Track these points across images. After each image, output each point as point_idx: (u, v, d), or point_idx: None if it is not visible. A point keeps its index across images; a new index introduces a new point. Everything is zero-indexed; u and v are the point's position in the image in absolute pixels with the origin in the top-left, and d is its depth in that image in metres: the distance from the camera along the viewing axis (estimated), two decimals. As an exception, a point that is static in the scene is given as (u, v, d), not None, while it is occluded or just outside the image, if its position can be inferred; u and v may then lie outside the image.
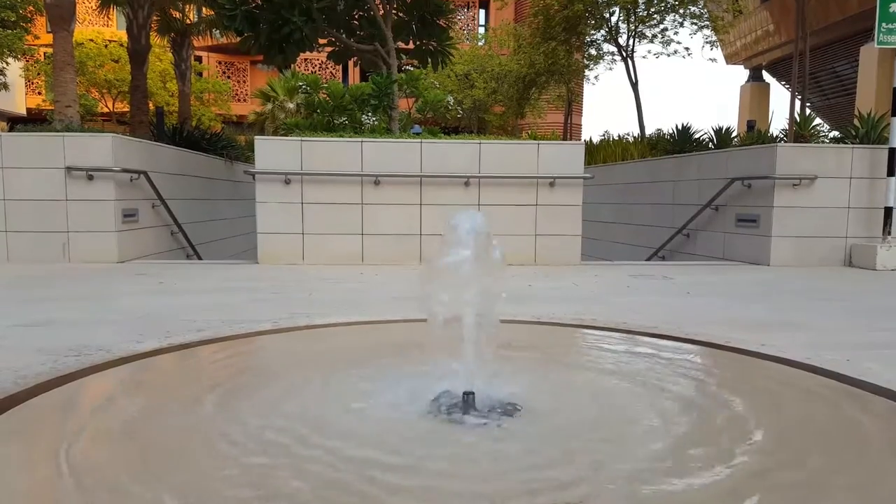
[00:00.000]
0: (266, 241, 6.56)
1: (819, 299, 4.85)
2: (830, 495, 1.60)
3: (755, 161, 7.12)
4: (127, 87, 14.84)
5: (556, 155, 6.68)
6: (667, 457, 1.79)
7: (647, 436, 1.94)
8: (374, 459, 1.73)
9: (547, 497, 1.54)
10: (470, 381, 2.14)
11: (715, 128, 9.27)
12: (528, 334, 3.43)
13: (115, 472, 1.68)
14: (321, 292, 4.82)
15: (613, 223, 10.44)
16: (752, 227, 7.21)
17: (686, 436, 1.96)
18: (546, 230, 6.72)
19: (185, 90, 14.64)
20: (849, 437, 1.98)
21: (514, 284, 5.13)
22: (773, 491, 1.59)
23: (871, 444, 1.94)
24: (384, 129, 8.12)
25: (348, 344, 3.25)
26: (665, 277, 5.92)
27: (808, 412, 2.23)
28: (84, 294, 4.61)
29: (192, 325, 3.44)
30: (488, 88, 21.05)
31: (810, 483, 1.65)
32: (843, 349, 3.02)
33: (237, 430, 1.94)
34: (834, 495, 1.60)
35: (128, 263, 6.48)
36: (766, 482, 1.63)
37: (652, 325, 3.54)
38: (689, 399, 2.31)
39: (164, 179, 7.37)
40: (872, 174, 6.94)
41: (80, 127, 7.33)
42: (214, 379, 2.58)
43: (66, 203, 6.37)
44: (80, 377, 2.48)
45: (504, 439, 1.89)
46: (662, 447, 1.85)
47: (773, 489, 1.59)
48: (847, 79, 19.25)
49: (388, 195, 6.56)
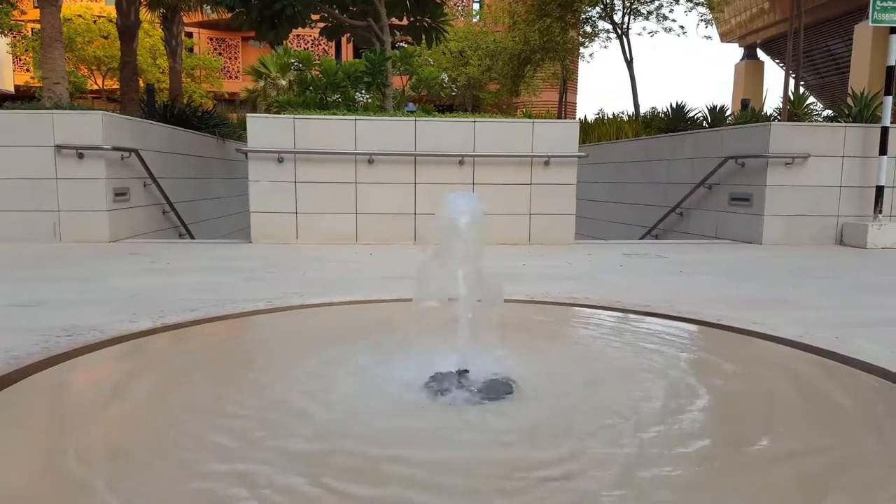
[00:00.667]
0: (259, 220, 6.53)
1: (810, 277, 4.88)
2: (797, 463, 1.62)
3: (749, 140, 7.12)
4: (116, 63, 14.60)
5: (550, 133, 6.65)
6: (654, 432, 1.80)
7: (635, 412, 1.96)
8: (362, 434, 1.74)
9: (539, 472, 1.55)
10: (464, 359, 2.16)
11: (709, 106, 9.25)
12: (521, 313, 3.45)
13: (113, 451, 1.68)
14: (315, 271, 4.81)
15: (607, 202, 10.45)
16: (745, 206, 7.22)
17: (674, 413, 1.97)
18: (540, 209, 6.71)
19: (175, 67, 14.44)
20: (831, 413, 2.01)
21: (508, 263, 5.14)
22: (747, 463, 1.61)
23: (847, 418, 1.97)
24: (378, 106, 8.06)
25: (342, 323, 3.26)
26: (658, 256, 5.94)
27: (796, 389, 2.25)
28: (76, 274, 4.58)
29: (185, 304, 3.43)
30: (483, 66, 20.89)
31: (787, 454, 1.68)
32: (833, 327, 3.04)
33: (233, 408, 1.94)
34: (798, 463, 1.62)
35: (120, 243, 6.44)
36: (742, 453, 1.65)
37: (645, 304, 3.56)
38: (679, 378, 2.33)
39: (155, 158, 7.30)
40: (865, 153, 6.96)
41: (70, 104, 7.22)
42: (209, 358, 2.58)
43: (57, 182, 6.31)
44: (73, 357, 2.48)
45: (497, 416, 1.90)
46: (649, 422, 1.87)
47: (747, 460, 1.62)
48: (841, 57, 19.18)
49: (382, 174, 6.53)
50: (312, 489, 1.44)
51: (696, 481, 1.55)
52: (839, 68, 19.71)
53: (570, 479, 1.52)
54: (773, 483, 1.52)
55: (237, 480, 1.48)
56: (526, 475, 1.55)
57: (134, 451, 1.67)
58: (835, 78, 20.54)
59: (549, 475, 1.54)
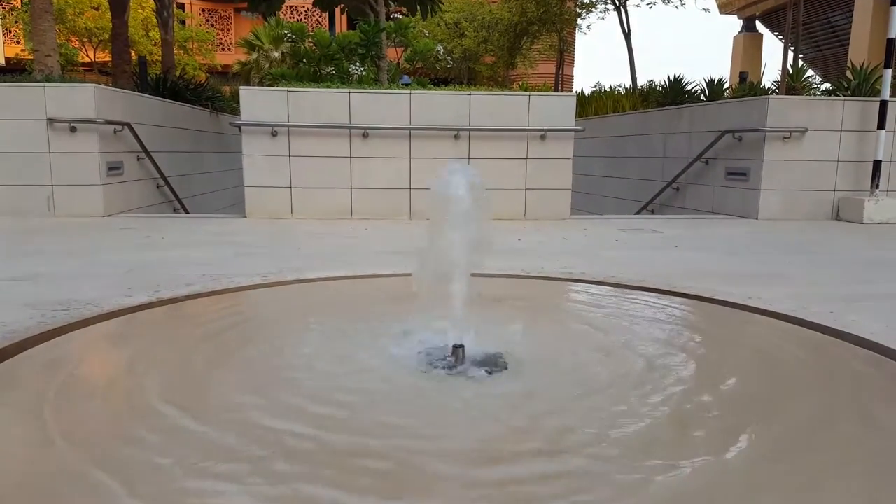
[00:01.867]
0: (253, 194, 6.49)
1: (806, 252, 4.89)
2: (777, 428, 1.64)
3: (746, 113, 7.08)
4: (108, 35, 14.37)
5: (547, 107, 6.60)
6: (646, 404, 1.82)
7: (629, 385, 1.97)
8: (358, 403, 1.75)
9: (535, 443, 1.57)
10: (460, 334, 2.16)
11: (707, 80, 9.17)
12: (517, 288, 3.45)
13: (110, 424, 1.69)
14: (310, 246, 4.80)
15: (604, 177, 10.41)
16: (741, 181, 7.21)
17: (666, 388, 1.98)
18: (536, 184, 6.69)
19: (167, 39, 14.19)
20: (824, 385, 2.03)
21: (504, 239, 5.14)
22: (733, 426, 1.63)
23: (833, 390, 1.99)
24: (372, 79, 7.96)
25: (338, 297, 3.26)
26: (654, 231, 5.95)
27: (788, 362, 2.26)
28: (71, 248, 4.56)
29: (180, 279, 3.43)
30: (479, 37, 20.61)
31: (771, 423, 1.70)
32: (828, 302, 3.06)
33: (230, 381, 1.95)
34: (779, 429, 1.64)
35: (114, 217, 6.41)
36: (727, 423, 1.68)
37: (640, 279, 3.57)
38: (668, 353, 2.34)
39: (148, 131, 7.23)
40: (863, 127, 6.93)
41: (62, 77, 7.11)
42: (205, 333, 2.58)
43: (49, 155, 6.25)
44: (69, 331, 2.48)
45: (492, 390, 1.91)
46: (642, 397, 1.89)
47: (731, 425, 1.64)
48: (840, 29, 18.99)
49: (377, 148, 6.48)
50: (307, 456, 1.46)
51: (687, 448, 1.57)
52: (839, 41, 19.53)
53: (561, 448, 1.53)
54: (754, 447, 1.54)
55: (228, 455, 1.49)
56: (515, 446, 1.57)
57: (132, 424, 1.68)
58: (834, 50, 20.37)
59: (539, 447, 1.56)
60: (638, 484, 1.40)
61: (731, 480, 1.42)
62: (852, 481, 1.44)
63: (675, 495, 1.36)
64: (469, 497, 1.33)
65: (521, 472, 1.44)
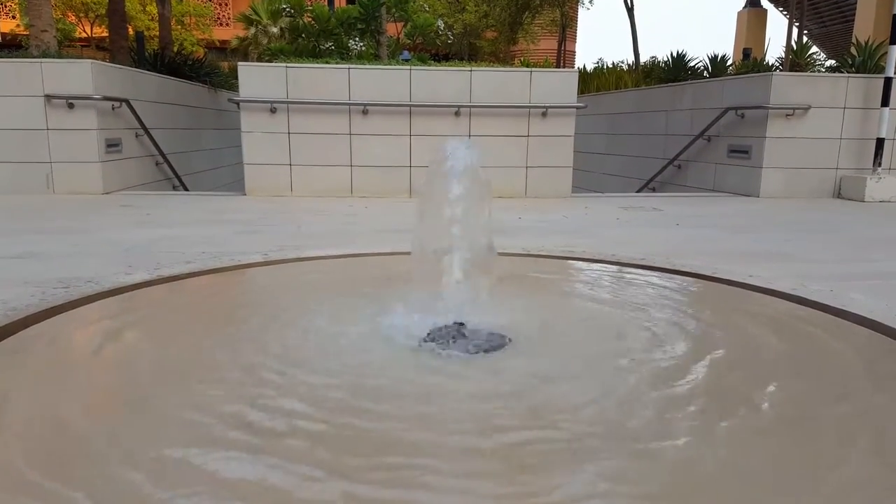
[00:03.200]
0: (253, 172, 6.47)
1: (807, 231, 4.88)
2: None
3: (750, 90, 7.02)
4: (104, 10, 14.20)
5: (549, 83, 6.54)
6: (646, 384, 1.83)
7: (627, 361, 1.98)
8: (358, 384, 1.76)
9: (541, 420, 1.58)
10: (460, 312, 2.17)
11: (710, 56, 9.08)
12: (517, 266, 3.45)
13: (115, 399, 1.70)
14: (310, 225, 4.79)
15: (605, 154, 10.36)
16: (743, 158, 7.18)
17: (666, 369, 1.99)
18: (537, 162, 6.65)
19: (165, 14, 14.01)
20: (815, 363, 2.04)
21: (505, 217, 5.12)
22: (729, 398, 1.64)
23: (834, 370, 1.99)
24: (372, 55, 7.88)
25: (338, 276, 3.26)
26: (655, 209, 5.93)
27: (784, 340, 2.27)
28: (70, 226, 4.56)
29: (180, 257, 3.43)
30: (480, 12, 20.34)
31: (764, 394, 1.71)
32: (828, 280, 3.06)
33: (228, 358, 1.96)
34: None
35: (113, 195, 6.39)
36: (724, 395, 1.69)
37: (641, 257, 3.57)
38: (668, 330, 2.34)
39: (146, 108, 7.17)
40: (866, 104, 6.88)
41: (58, 53, 7.04)
42: (206, 310, 2.58)
43: (48, 133, 6.22)
44: (70, 309, 2.48)
45: (495, 368, 1.92)
46: (642, 377, 1.89)
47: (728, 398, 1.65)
48: (846, 5, 18.75)
49: (377, 125, 6.43)
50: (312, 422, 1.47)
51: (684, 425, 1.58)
52: (844, 16, 19.30)
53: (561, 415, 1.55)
54: (745, 418, 1.55)
55: (232, 421, 1.50)
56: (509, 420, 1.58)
57: (134, 399, 1.69)
58: (839, 26, 20.15)
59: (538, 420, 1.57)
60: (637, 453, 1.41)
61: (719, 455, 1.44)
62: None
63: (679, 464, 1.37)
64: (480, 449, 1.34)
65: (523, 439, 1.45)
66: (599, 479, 1.32)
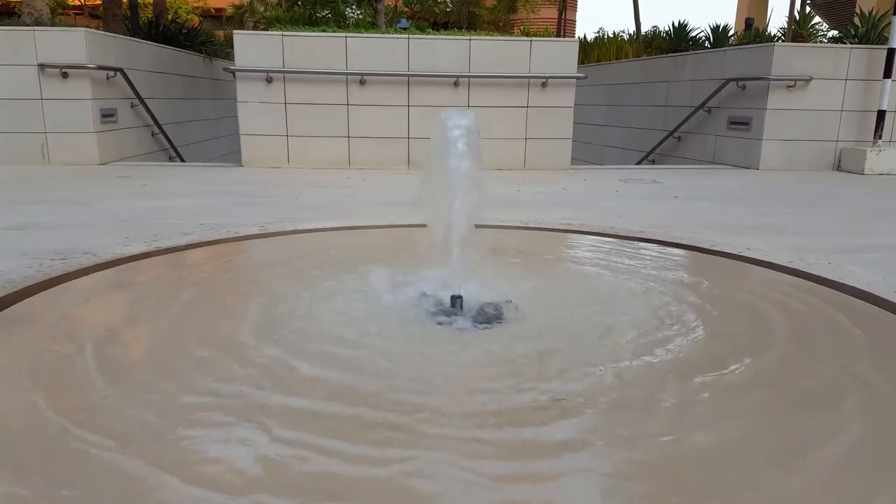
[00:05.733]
0: (249, 143, 6.41)
1: (806, 203, 4.87)
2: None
3: (751, 61, 6.94)
4: (96, -24, 13.94)
5: (549, 53, 6.46)
6: (640, 355, 1.84)
7: (621, 333, 1.99)
8: (360, 357, 1.77)
9: (531, 395, 1.59)
10: (458, 285, 2.17)
11: (712, 26, 8.96)
12: (515, 239, 3.45)
13: (116, 371, 1.71)
14: (307, 196, 4.77)
15: (605, 126, 10.28)
16: (743, 130, 7.13)
17: (660, 340, 2.00)
18: (536, 133, 6.60)
19: (158, -20, 13.79)
20: (805, 334, 2.05)
21: (503, 189, 5.10)
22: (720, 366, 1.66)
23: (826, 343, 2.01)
24: (369, 23, 7.78)
25: (335, 248, 3.26)
26: (654, 181, 5.91)
27: (779, 312, 2.28)
28: (67, 197, 4.53)
29: (178, 228, 3.42)
30: (479, -20, 20.04)
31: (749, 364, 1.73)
32: (826, 253, 3.07)
33: (228, 329, 1.97)
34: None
35: (109, 165, 6.35)
36: (716, 361, 1.70)
37: (639, 230, 3.57)
38: (665, 302, 2.35)
39: (141, 77, 7.08)
40: (869, 76, 6.81)
41: (51, 21, 6.93)
42: (203, 281, 2.58)
43: (42, 102, 6.15)
44: (68, 280, 2.48)
45: (492, 339, 1.93)
46: (636, 346, 1.91)
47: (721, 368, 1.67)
48: (851, -27, 18.46)
49: (375, 95, 6.37)
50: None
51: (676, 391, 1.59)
52: (848, -15, 18.99)
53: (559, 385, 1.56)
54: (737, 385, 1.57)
55: (230, 390, 1.51)
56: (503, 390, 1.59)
57: (133, 369, 1.70)
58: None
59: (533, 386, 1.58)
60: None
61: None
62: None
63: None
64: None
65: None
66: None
